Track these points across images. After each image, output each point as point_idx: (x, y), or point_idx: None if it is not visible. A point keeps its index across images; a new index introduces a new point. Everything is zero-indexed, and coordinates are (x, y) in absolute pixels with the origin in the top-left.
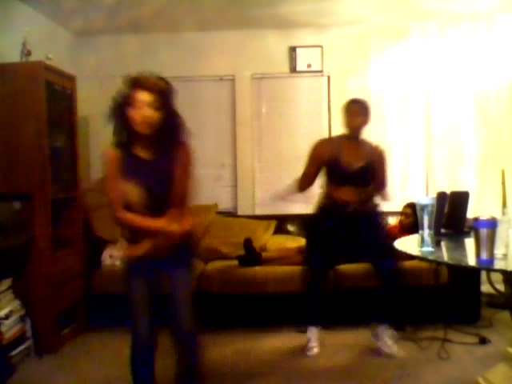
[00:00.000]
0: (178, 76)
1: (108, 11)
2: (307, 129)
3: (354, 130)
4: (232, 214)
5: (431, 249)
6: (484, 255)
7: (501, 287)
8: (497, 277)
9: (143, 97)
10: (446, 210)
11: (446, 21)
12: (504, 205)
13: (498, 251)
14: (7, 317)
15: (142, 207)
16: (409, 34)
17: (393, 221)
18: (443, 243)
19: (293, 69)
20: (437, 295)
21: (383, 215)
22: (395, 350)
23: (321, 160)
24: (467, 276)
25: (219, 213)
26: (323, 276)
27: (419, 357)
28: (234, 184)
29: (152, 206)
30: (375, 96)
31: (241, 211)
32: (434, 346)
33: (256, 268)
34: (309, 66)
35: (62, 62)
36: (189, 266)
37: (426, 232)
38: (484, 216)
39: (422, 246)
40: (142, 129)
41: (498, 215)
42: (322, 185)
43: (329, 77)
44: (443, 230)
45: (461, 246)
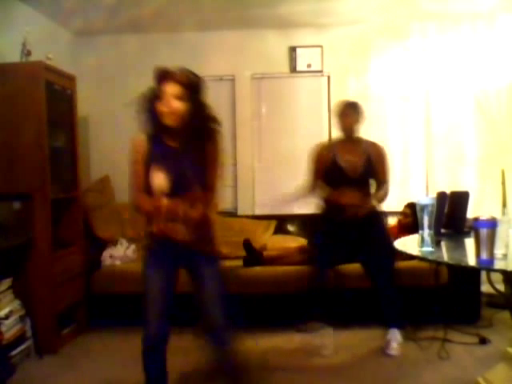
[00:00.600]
0: None
1: (108, 11)
2: (307, 129)
3: (347, 131)
4: (232, 214)
5: (431, 249)
6: (484, 255)
7: (501, 287)
8: (497, 277)
9: (170, 89)
10: (446, 210)
11: (446, 21)
12: (504, 205)
13: (498, 251)
14: (7, 317)
15: (164, 195)
16: (409, 34)
17: (393, 221)
18: (443, 243)
19: (293, 69)
20: (437, 295)
21: (383, 214)
22: (396, 353)
23: (323, 165)
24: (467, 276)
25: (219, 213)
26: (325, 275)
27: (419, 357)
28: (234, 184)
29: (174, 195)
30: (375, 96)
31: (241, 211)
32: (434, 346)
33: (257, 268)
34: (309, 66)
35: (62, 62)
36: (215, 261)
37: (426, 232)
38: (484, 216)
39: (422, 246)
40: (170, 121)
41: (498, 215)
42: (322, 187)
43: (329, 77)
44: (443, 230)
45: (461, 246)
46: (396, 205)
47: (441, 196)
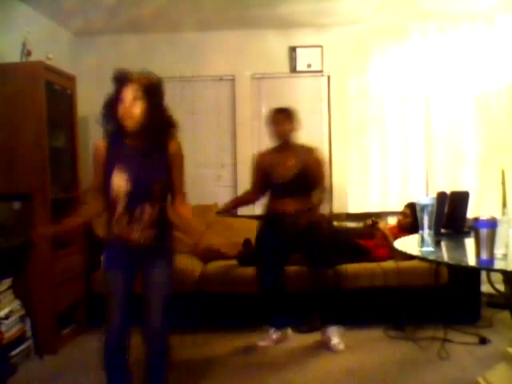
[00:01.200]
0: (178, 76)
1: (108, 11)
2: (307, 129)
3: (281, 139)
4: (232, 214)
5: (431, 249)
6: (484, 255)
7: (501, 287)
8: (497, 277)
9: (127, 91)
10: (446, 210)
11: (446, 21)
12: (504, 205)
13: (498, 251)
14: (7, 317)
15: (125, 194)
16: (409, 34)
17: (393, 221)
18: (443, 243)
19: (293, 69)
20: (437, 295)
21: (326, 223)
22: (340, 348)
23: (260, 174)
24: (467, 276)
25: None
26: (275, 276)
27: (419, 357)
28: (234, 184)
29: (134, 195)
30: (375, 96)
31: (241, 211)
32: (434, 346)
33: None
34: (309, 66)
35: (62, 62)
36: (169, 265)
37: (426, 232)
38: (484, 216)
39: (422, 246)
40: (130, 123)
41: (498, 215)
42: (265, 195)
43: (329, 77)
44: (443, 230)
45: (461, 246)
46: (396, 205)
47: (441, 196)
